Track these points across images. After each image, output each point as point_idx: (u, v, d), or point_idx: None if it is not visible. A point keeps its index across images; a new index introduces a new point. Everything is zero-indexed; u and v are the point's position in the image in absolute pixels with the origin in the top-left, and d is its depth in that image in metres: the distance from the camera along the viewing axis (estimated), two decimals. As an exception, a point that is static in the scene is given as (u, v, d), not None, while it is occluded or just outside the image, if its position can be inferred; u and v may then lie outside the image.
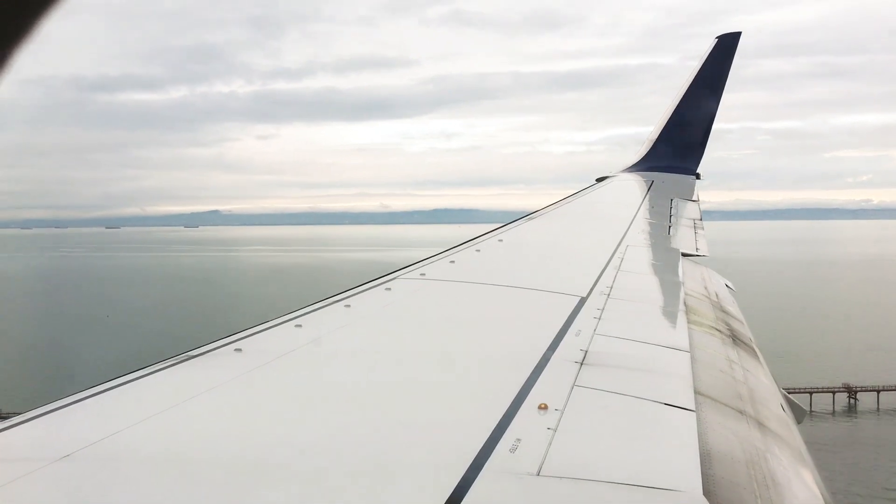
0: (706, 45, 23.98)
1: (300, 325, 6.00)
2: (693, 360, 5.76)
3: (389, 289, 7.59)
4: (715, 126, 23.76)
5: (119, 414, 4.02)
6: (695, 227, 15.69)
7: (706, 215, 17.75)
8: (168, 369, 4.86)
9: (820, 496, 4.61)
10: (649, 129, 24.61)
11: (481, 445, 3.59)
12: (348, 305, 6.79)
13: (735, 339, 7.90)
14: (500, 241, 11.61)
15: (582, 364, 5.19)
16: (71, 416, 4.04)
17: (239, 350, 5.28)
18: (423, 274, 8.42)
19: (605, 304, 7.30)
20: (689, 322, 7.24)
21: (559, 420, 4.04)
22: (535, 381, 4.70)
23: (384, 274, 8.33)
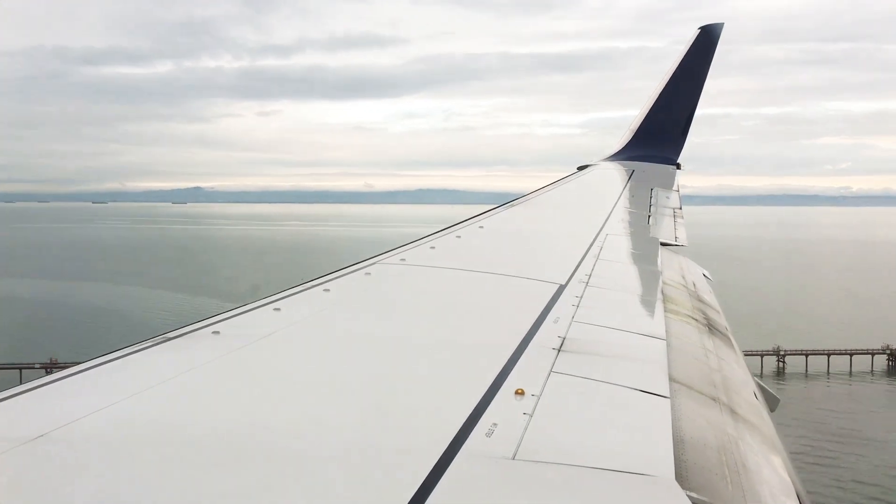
0: (694, 30, 24.18)
1: (278, 309, 5.98)
2: (669, 347, 5.82)
3: (369, 273, 7.59)
4: (698, 111, 24.12)
5: (94, 395, 4.00)
6: (674, 217, 15.81)
7: (689, 200, 18.00)
8: (144, 351, 4.84)
9: (790, 482, 4.70)
10: (635, 113, 24.82)
11: (457, 430, 3.61)
12: (327, 290, 6.77)
13: (711, 328, 7.99)
14: (481, 227, 11.64)
15: (559, 351, 5.23)
16: (47, 397, 4.02)
17: (216, 333, 5.25)
18: (403, 259, 8.42)
19: (584, 291, 7.35)
20: (666, 311, 7.31)
21: (535, 405, 4.08)
22: (512, 367, 4.73)
23: (364, 259, 8.33)
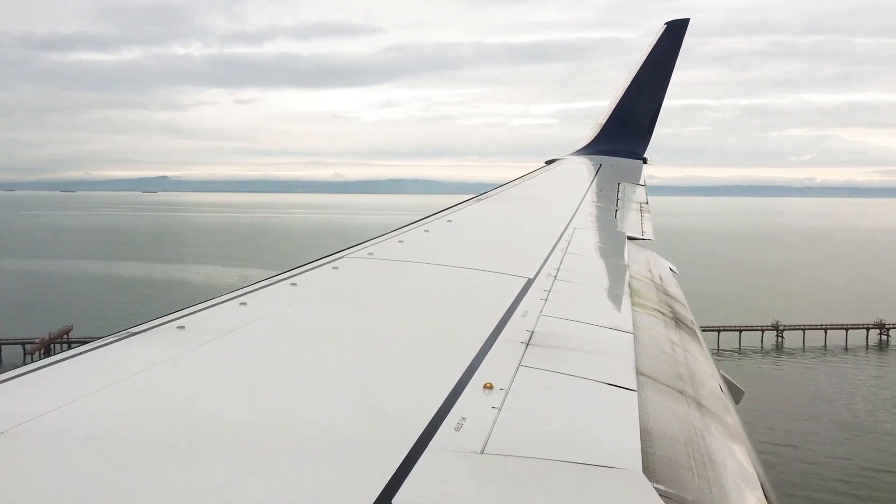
0: (661, 26, 24.44)
1: (245, 304, 5.91)
2: (636, 341, 5.86)
3: (337, 267, 7.54)
4: (670, 103, 24.46)
5: (58, 390, 3.92)
6: (641, 212, 15.96)
7: (657, 190, 18.36)
8: (108, 346, 4.75)
9: (754, 473, 4.76)
10: (606, 104, 25.04)
11: (426, 424, 3.61)
12: (294, 284, 6.71)
13: (677, 321, 8.07)
14: (449, 221, 11.63)
15: (528, 344, 5.24)
16: (9, 392, 3.94)
17: (182, 328, 5.18)
18: (371, 253, 8.38)
19: (552, 285, 7.37)
20: (633, 304, 7.36)
21: (504, 399, 4.08)
22: (481, 361, 4.73)
23: (331, 253, 8.27)
